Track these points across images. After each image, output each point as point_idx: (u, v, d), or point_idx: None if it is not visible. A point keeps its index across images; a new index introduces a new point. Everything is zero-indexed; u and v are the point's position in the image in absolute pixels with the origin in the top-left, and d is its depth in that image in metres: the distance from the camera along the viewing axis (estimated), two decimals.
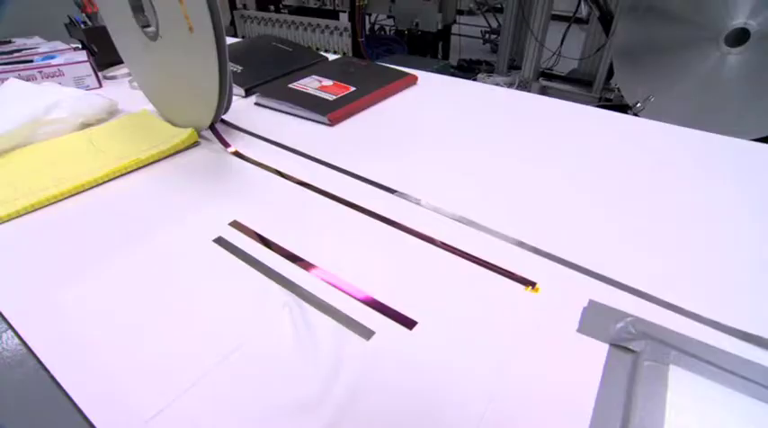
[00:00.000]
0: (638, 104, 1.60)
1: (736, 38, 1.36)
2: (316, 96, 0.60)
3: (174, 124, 0.55)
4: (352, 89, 0.62)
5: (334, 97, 0.59)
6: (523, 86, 2.11)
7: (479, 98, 0.65)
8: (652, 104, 1.59)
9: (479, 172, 0.46)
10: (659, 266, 0.33)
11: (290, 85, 0.63)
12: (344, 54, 2.27)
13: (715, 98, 1.47)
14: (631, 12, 1.58)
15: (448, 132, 0.54)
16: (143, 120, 0.57)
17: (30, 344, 0.28)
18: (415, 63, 2.01)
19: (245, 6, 2.62)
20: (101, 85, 0.72)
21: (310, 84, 0.63)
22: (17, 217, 0.40)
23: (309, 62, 0.76)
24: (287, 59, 0.75)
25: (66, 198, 0.42)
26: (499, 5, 3.05)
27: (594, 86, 2.03)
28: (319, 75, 0.66)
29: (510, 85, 2.14)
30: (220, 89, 0.46)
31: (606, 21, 1.97)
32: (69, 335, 0.29)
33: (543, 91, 2.10)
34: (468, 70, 2.51)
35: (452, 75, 2.43)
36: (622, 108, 1.81)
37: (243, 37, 2.65)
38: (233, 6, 2.62)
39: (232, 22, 2.66)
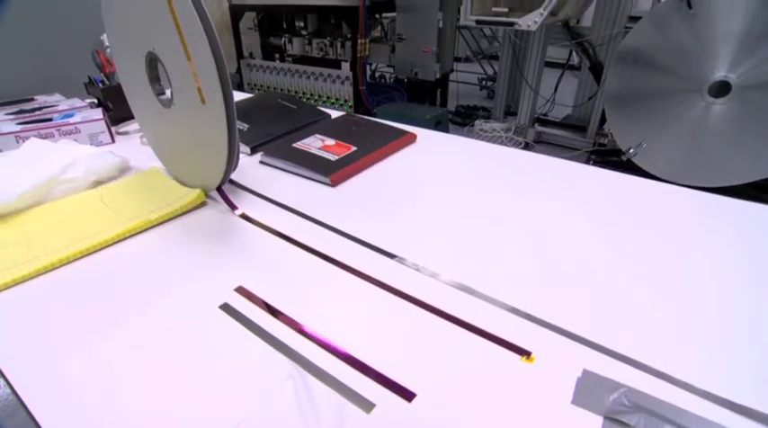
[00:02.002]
0: (632, 150, 1.65)
1: (719, 89, 1.43)
2: (318, 157, 0.63)
3: (182, 183, 0.58)
4: (354, 149, 0.65)
5: (336, 157, 0.62)
6: (519, 132, 2.18)
7: (477, 157, 0.68)
8: (644, 150, 1.64)
9: (476, 236, 0.47)
10: (653, 334, 0.34)
11: (294, 145, 0.66)
12: (346, 101, 2.36)
13: (703, 145, 1.52)
14: (620, 62, 1.66)
15: (445, 194, 0.56)
16: (152, 179, 0.60)
17: (25, 402, 0.29)
18: (415, 110, 2.09)
19: (251, 55, 2.75)
20: (113, 141, 0.76)
21: (313, 144, 0.66)
22: (29, 279, 0.41)
23: (313, 119, 0.80)
24: (291, 117, 0.79)
25: (76, 259, 0.44)
26: (495, 53, 3.19)
27: (588, 132, 2.10)
28: (322, 134, 0.69)
29: (506, 131, 2.21)
30: (228, 155, 0.48)
31: (597, 70, 2.06)
32: (69, 398, 0.29)
33: (539, 136, 2.17)
34: (465, 116, 2.60)
35: (451, 121, 2.51)
36: (616, 152, 1.86)
37: (248, 84, 2.76)
38: (240, 56, 2.75)
39: (238, 70, 2.78)
